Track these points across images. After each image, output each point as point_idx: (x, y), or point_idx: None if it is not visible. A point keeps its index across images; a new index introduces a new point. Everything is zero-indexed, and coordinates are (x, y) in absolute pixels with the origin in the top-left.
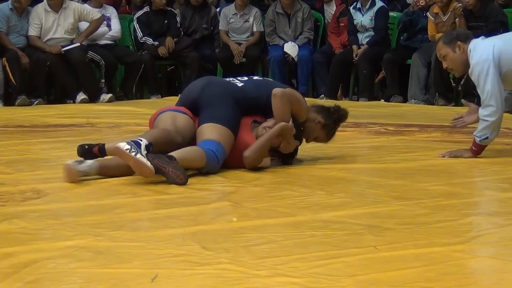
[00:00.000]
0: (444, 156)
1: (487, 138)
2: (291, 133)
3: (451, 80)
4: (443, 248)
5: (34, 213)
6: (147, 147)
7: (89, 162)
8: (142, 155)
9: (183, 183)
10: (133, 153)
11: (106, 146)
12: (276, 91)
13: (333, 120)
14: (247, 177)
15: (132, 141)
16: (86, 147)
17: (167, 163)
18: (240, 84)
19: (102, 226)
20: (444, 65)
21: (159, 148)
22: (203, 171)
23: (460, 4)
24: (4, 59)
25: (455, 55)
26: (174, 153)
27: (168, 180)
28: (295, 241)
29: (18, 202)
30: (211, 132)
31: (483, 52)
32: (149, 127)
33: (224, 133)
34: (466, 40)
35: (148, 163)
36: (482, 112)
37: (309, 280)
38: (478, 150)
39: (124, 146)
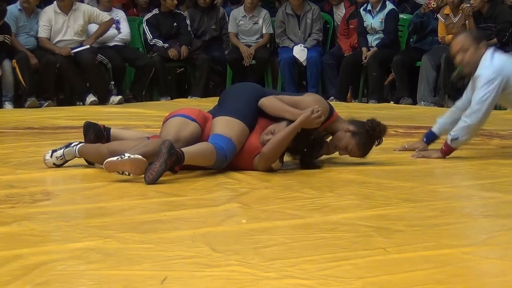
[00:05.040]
0: (414, 157)
1: (457, 138)
2: (314, 121)
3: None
4: (453, 250)
5: (43, 215)
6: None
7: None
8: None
9: (146, 180)
10: (123, 157)
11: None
12: (261, 101)
13: (366, 130)
14: (257, 179)
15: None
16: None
17: (168, 157)
18: (266, 89)
19: (112, 228)
20: (459, 57)
21: (153, 160)
22: (208, 167)
23: (469, 4)
24: (14, 61)
25: (476, 53)
26: (187, 149)
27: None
28: (305, 243)
29: (28, 204)
30: (224, 126)
31: (501, 64)
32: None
33: (236, 128)
34: (489, 45)
35: (144, 159)
36: (465, 113)
37: (318, 282)
38: (446, 150)
39: (112, 158)
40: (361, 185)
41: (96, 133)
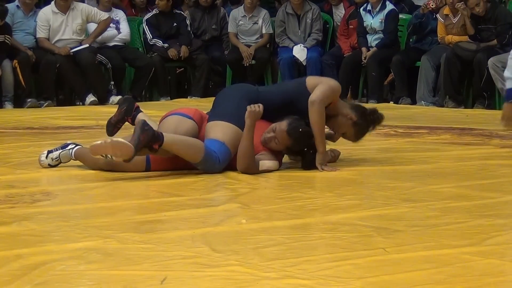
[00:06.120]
0: None
1: None
2: (258, 113)
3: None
4: (453, 250)
5: (43, 215)
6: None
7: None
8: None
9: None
10: (107, 140)
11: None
12: (313, 99)
13: (366, 121)
14: (256, 179)
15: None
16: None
17: (141, 133)
18: (259, 87)
19: (112, 228)
20: None
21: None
22: (198, 168)
23: (462, 2)
24: (15, 61)
25: None
26: (170, 134)
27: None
28: (304, 243)
29: (28, 204)
30: (217, 131)
31: None
32: None
33: (230, 132)
34: None
35: (126, 142)
36: None
37: (318, 282)
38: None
39: (96, 142)
40: (360, 185)
41: (127, 109)
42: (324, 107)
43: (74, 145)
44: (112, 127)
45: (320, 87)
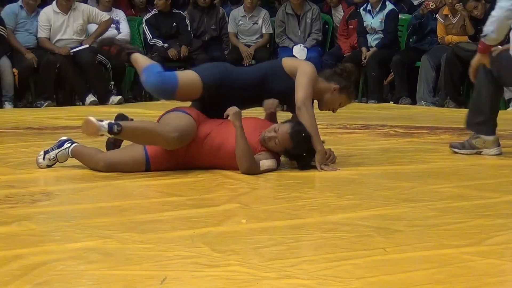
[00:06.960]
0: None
1: (486, 35)
2: (239, 113)
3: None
4: (453, 250)
5: (43, 215)
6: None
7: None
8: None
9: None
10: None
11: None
12: (299, 104)
13: (346, 79)
14: (256, 179)
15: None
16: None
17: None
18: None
19: (111, 228)
20: None
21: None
22: (143, 74)
23: (461, 3)
24: (15, 70)
25: None
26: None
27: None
28: (304, 243)
29: (28, 204)
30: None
31: None
32: None
33: (186, 73)
34: None
35: (94, 119)
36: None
37: (318, 282)
38: (482, 47)
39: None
40: (360, 185)
41: None
42: (312, 105)
43: (70, 143)
44: (112, 146)
45: (300, 85)
